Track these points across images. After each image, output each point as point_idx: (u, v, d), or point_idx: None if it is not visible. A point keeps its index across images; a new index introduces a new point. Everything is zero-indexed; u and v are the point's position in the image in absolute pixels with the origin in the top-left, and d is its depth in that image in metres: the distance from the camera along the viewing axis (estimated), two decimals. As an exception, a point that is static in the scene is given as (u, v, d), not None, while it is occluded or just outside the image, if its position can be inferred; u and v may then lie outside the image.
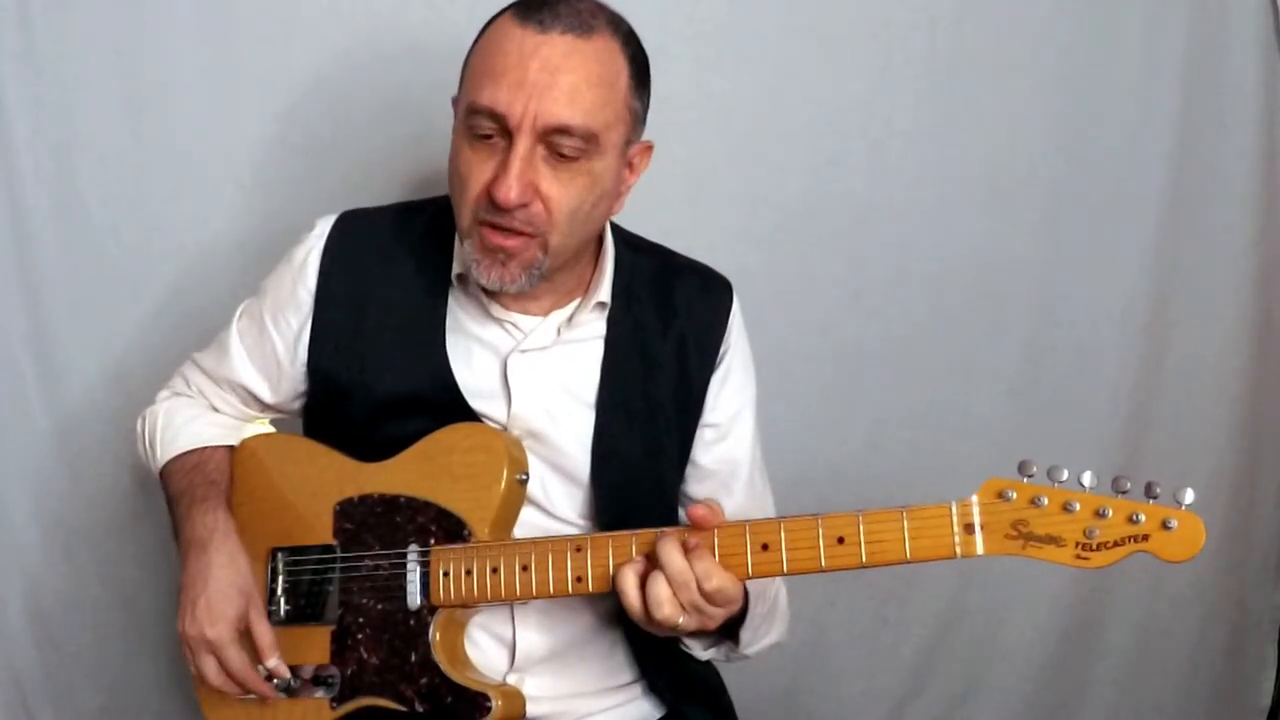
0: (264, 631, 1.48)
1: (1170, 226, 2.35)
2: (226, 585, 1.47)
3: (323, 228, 1.61)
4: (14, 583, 2.04)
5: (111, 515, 2.05)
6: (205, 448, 1.63)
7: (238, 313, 1.67)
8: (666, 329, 1.61)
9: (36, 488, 2.04)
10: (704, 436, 1.65)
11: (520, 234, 1.43)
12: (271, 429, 1.70)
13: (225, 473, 1.61)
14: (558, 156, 1.41)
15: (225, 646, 1.45)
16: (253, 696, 1.49)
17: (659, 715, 1.63)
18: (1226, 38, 2.32)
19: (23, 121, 1.96)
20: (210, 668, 1.46)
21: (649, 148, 1.55)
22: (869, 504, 2.19)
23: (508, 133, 1.40)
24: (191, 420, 1.66)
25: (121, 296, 2.02)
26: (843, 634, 2.31)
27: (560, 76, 1.39)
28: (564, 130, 1.40)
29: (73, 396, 2.03)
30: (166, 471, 1.63)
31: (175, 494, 1.59)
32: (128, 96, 1.99)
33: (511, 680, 1.53)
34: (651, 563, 1.36)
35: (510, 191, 1.39)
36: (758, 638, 1.55)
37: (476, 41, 1.48)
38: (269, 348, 1.62)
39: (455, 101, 1.50)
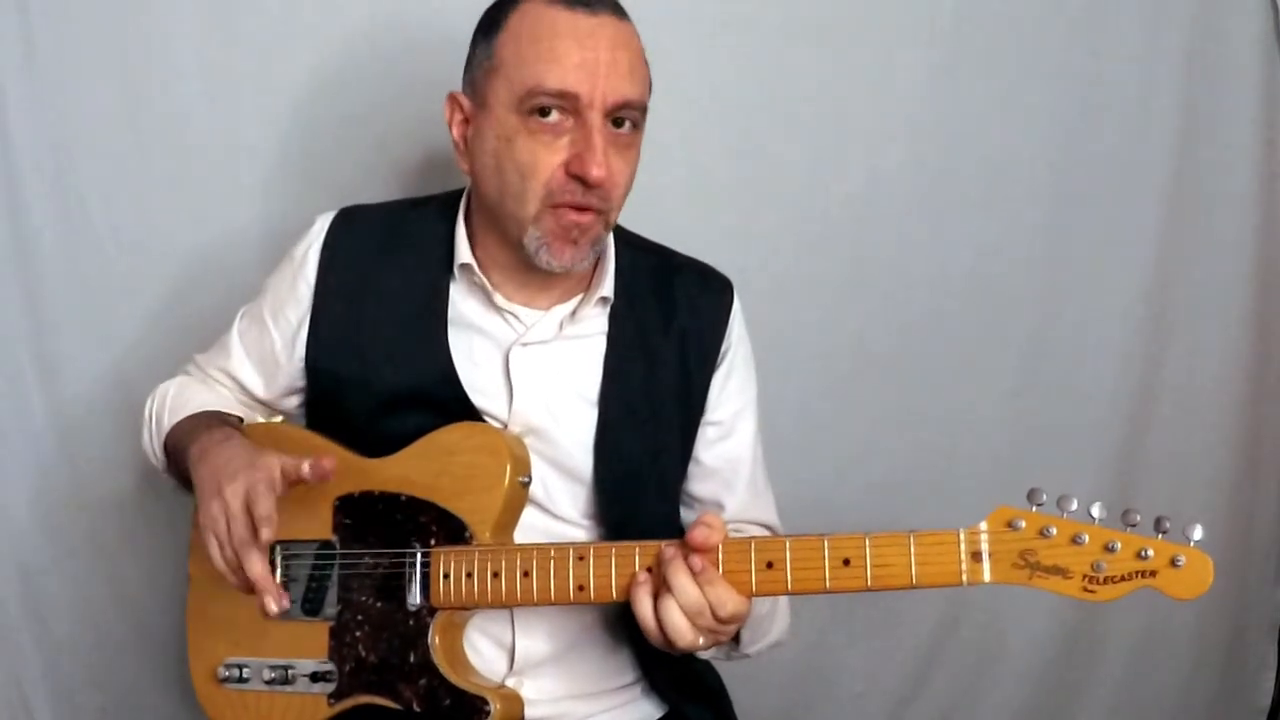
0: (265, 505, 1.35)
1: (1170, 227, 2.35)
2: (239, 463, 1.40)
3: (322, 224, 1.62)
4: (14, 583, 2.03)
5: (112, 515, 2.04)
6: (215, 411, 1.63)
7: (239, 314, 1.68)
8: (668, 327, 1.61)
9: (37, 487, 2.03)
10: (706, 435, 1.65)
11: (593, 211, 1.46)
12: (279, 418, 1.70)
13: (238, 426, 1.59)
14: (615, 131, 1.46)
15: (234, 512, 1.36)
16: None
17: (659, 715, 1.63)
18: (1226, 38, 2.32)
19: (23, 121, 1.96)
20: (213, 547, 1.38)
21: None
22: (869, 506, 2.23)
23: (576, 113, 1.43)
24: (201, 392, 1.66)
25: (121, 296, 2.02)
26: (842, 634, 2.31)
27: (620, 54, 1.44)
28: (629, 105, 1.45)
29: (73, 396, 2.02)
30: (176, 426, 1.61)
31: (184, 431, 1.57)
32: (128, 96, 1.99)
33: (510, 683, 1.53)
34: (659, 580, 1.36)
35: (601, 169, 1.42)
36: (758, 637, 1.55)
37: (502, 28, 1.48)
38: (268, 344, 1.63)
39: (473, 94, 1.51)
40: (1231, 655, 2.50)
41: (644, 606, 1.36)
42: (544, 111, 1.43)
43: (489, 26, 1.50)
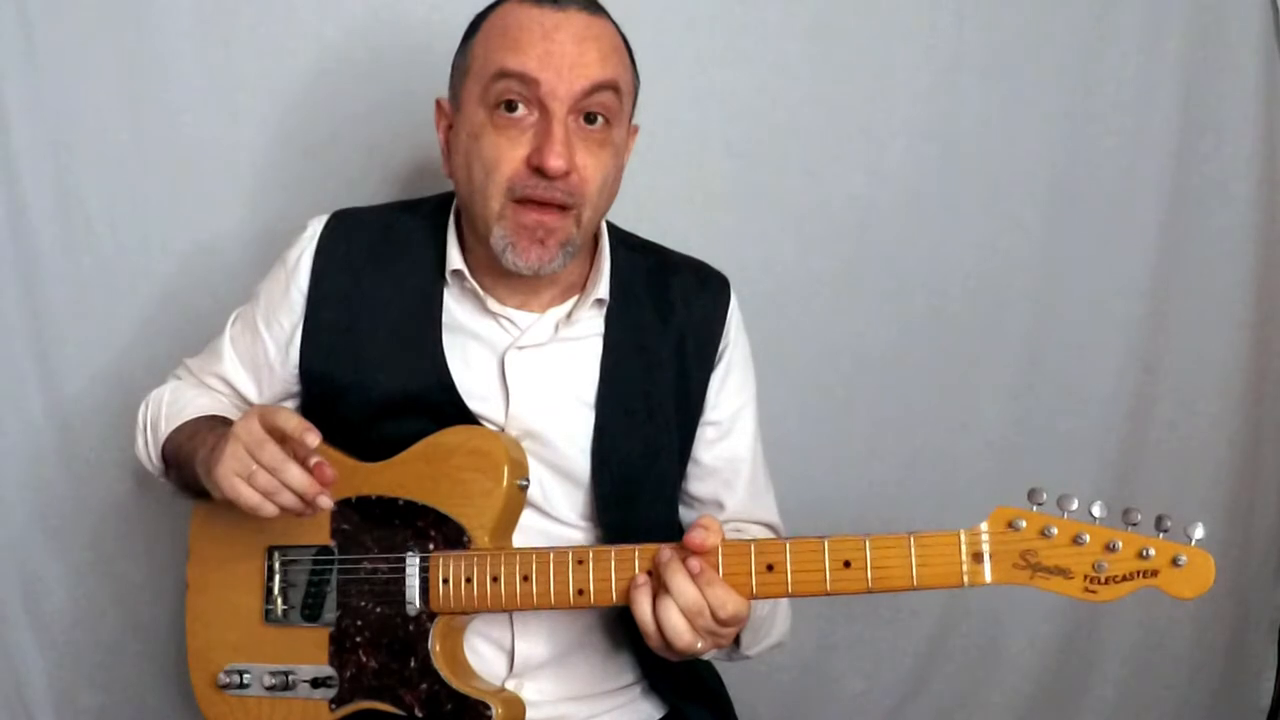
0: (287, 416, 1.38)
1: (1170, 227, 2.35)
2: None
3: (314, 228, 1.62)
4: (14, 583, 2.04)
5: (112, 515, 2.04)
6: (214, 415, 1.63)
7: (231, 318, 1.68)
8: (665, 327, 1.61)
9: (36, 488, 2.03)
10: (705, 435, 1.65)
11: (559, 208, 1.45)
12: None
13: None
14: (586, 127, 1.45)
15: (259, 442, 1.36)
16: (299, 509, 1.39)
17: (659, 715, 1.63)
18: (1226, 38, 2.32)
19: (23, 121, 1.96)
20: (242, 489, 1.37)
21: (636, 130, 1.58)
22: (869, 507, 2.23)
23: (538, 104, 1.43)
24: (198, 397, 1.66)
25: (121, 296, 2.02)
26: (842, 634, 2.31)
27: (587, 44, 1.44)
28: (600, 86, 1.44)
29: (73, 396, 2.02)
30: (172, 433, 1.61)
31: (185, 437, 1.57)
32: (128, 96, 1.99)
33: (510, 685, 1.53)
34: (659, 582, 1.36)
35: (560, 158, 1.41)
36: (759, 639, 1.55)
37: (477, 31, 1.50)
38: (261, 351, 1.63)
39: (453, 99, 1.52)
40: (1231, 655, 2.50)
41: (644, 609, 1.36)
42: (510, 106, 1.43)
43: (469, 32, 1.52)
